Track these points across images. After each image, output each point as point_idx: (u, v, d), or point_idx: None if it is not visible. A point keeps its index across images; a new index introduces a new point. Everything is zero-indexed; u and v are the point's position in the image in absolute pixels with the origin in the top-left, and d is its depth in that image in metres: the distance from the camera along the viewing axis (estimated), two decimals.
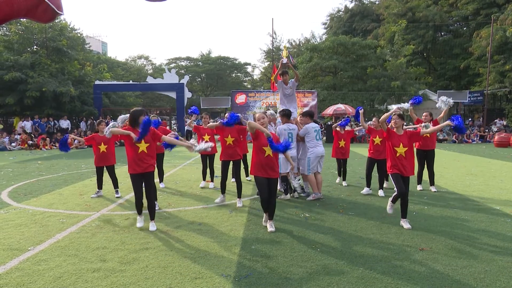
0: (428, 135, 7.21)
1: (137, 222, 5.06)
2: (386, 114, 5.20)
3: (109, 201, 6.64)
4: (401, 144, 4.93)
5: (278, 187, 7.45)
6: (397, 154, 4.94)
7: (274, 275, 3.51)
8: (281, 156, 6.59)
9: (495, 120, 25.50)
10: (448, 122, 5.34)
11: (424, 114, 7.42)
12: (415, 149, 7.47)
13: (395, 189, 4.98)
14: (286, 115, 6.56)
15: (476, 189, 7.64)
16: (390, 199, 5.15)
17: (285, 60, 7.65)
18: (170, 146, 5.87)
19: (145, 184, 4.99)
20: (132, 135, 4.75)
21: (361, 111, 6.69)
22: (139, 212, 5.05)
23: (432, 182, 7.49)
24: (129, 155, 4.88)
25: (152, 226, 4.97)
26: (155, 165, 5.22)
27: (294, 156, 6.51)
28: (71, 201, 6.66)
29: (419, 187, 7.55)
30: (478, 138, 22.96)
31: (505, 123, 24.82)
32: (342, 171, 8.23)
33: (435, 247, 4.22)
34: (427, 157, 7.44)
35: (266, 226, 4.94)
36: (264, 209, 5.01)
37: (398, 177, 4.97)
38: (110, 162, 6.94)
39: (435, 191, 7.33)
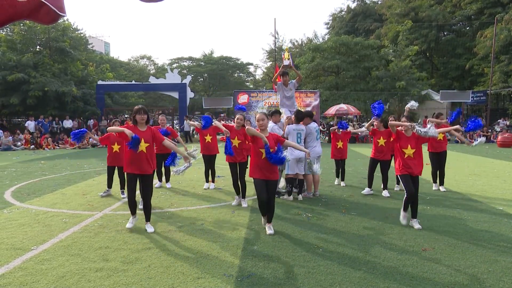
0: (441, 138, 7.24)
1: (128, 223, 4.99)
2: (398, 123, 5.29)
3: (112, 201, 6.65)
4: (409, 146, 5.02)
5: (280, 186, 7.45)
6: (405, 156, 5.04)
7: (276, 275, 3.52)
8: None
9: (499, 120, 25.39)
10: (457, 126, 5.92)
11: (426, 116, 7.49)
12: (427, 152, 7.50)
13: (405, 191, 5.02)
14: (297, 118, 6.62)
15: (479, 189, 7.61)
16: (402, 208, 5.10)
17: (286, 62, 7.66)
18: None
19: (142, 186, 4.87)
20: (127, 132, 4.56)
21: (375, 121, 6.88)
22: (132, 212, 4.98)
23: (442, 182, 7.58)
24: (127, 154, 4.78)
25: (149, 228, 4.86)
26: (155, 167, 5.09)
27: (302, 157, 6.50)
28: (74, 201, 6.68)
29: (434, 187, 7.65)
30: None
31: (508, 123, 24.68)
32: (340, 172, 8.18)
33: (437, 248, 4.21)
34: (439, 158, 7.48)
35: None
36: (262, 213, 4.97)
37: (407, 178, 5.02)
38: (122, 163, 6.83)
39: (444, 191, 7.41)
